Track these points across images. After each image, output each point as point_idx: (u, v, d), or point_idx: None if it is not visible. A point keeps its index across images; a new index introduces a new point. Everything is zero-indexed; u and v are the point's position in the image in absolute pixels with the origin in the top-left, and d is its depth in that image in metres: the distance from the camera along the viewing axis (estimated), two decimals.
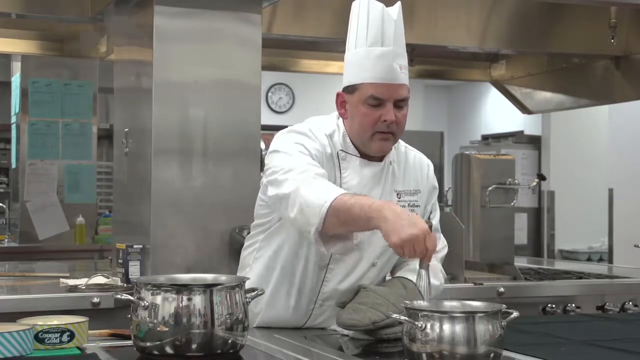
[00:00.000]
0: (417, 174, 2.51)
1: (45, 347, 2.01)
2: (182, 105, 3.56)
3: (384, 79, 2.31)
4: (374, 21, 2.32)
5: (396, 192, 2.43)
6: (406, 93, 2.36)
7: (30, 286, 3.73)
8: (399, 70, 2.32)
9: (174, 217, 3.51)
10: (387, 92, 2.31)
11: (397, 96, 2.33)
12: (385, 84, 2.31)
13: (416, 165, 2.53)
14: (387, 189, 2.42)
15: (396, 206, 2.14)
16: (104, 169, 6.81)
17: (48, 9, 4.16)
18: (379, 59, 2.31)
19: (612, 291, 4.04)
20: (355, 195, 2.17)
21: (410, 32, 4.80)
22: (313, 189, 2.19)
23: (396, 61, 2.32)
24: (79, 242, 5.92)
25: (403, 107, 2.36)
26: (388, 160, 2.43)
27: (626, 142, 6.69)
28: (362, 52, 2.34)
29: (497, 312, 1.88)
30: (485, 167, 4.36)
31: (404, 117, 2.36)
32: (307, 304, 2.46)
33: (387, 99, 2.32)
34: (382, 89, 2.31)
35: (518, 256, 4.84)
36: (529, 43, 5.01)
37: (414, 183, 2.49)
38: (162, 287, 2.01)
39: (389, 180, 2.43)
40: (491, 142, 8.40)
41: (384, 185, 2.42)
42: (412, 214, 2.12)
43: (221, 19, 3.62)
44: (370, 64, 2.31)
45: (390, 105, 2.32)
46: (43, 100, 6.01)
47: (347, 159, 2.39)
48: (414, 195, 2.46)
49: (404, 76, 2.35)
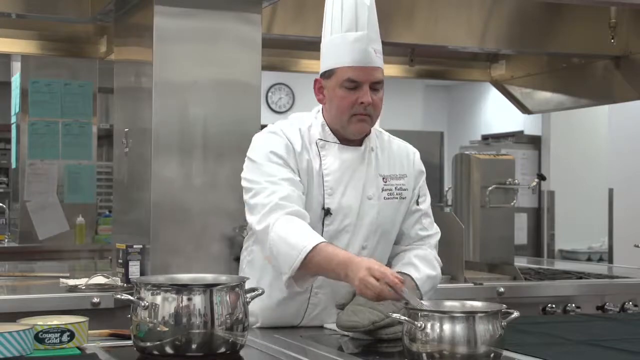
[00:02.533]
0: (402, 160, 2.58)
1: (45, 347, 2.01)
2: (182, 105, 3.56)
3: (360, 61, 2.39)
4: (348, 7, 2.42)
5: (382, 177, 2.51)
6: (381, 76, 2.43)
7: (30, 286, 3.73)
8: (373, 54, 2.40)
9: (174, 217, 3.51)
10: (363, 74, 2.39)
11: (373, 79, 2.40)
12: (362, 67, 2.39)
13: (401, 151, 2.60)
14: (371, 173, 2.48)
15: (360, 259, 2.21)
16: (104, 169, 6.80)
17: (48, 9, 4.16)
18: (354, 43, 2.39)
19: (612, 291, 4.04)
20: (326, 247, 2.26)
21: (410, 32, 4.80)
22: (285, 237, 2.29)
23: (371, 45, 2.40)
24: (79, 242, 5.92)
25: (379, 90, 2.43)
26: (369, 146, 2.50)
27: (626, 142, 6.69)
28: (338, 38, 2.43)
29: (497, 312, 1.88)
30: (485, 167, 4.36)
31: (380, 100, 2.44)
32: (304, 294, 2.48)
33: (364, 82, 2.39)
34: (358, 71, 2.39)
35: (518, 256, 4.84)
36: (529, 43, 5.01)
37: (400, 168, 2.55)
38: (162, 287, 2.01)
39: (373, 165, 2.50)
40: (491, 142, 8.39)
41: (367, 169, 2.48)
42: (371, 261, 2.17)
43: (221, 19, 3.62)
44: (347, 49, 2.39)
45: (366, 87, 2.40)
46: (43, 100, 6.01)
47: (325, 147, 2.47)
48: (401, 180, 2.54)
49: (378, 59, 2.42)
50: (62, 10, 4.14)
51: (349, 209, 2.44)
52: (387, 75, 6.03)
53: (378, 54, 2.42)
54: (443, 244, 3.73)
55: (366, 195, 2.46)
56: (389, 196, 2.50)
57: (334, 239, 2.41)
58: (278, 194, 2.34)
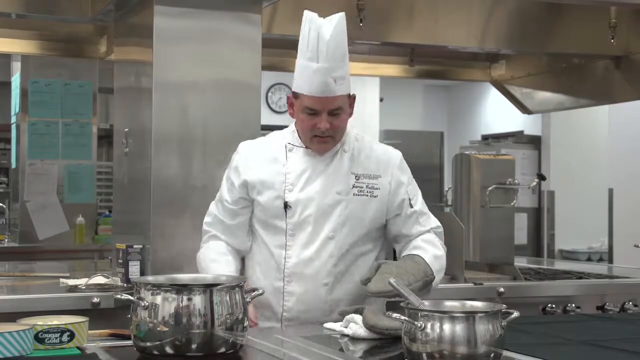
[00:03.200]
0: (380, 163, 2.71)
1: (45, 347, 2.01)
2: (182, 105, 3.56)
3: (318, 92, 2.52)
4: (311, 39, 2.53)
5: (354, 175, 2.67)
6: (340, 103, 2.56)
7: (30, 286, 3.72)
8: (333, 83, 2.52)
9: (174, 217, 3.51)
10: (321, 104, 2.54)
11: (331, 107, 2.54)
12: (319, 98, 2.53)
13: (381, 155, 2.74)
14: (342, 172, 2.66)
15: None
16: (104, 169, 6.81)
17: (48, 9, 4.16)
18: (314, 74, 2.51)
19: (612, 291, 4.04)
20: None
21: (410, 32, 4.81)
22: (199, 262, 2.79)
23: (330, 75, 2.51)
24: (79, 242, 5.92)
25: (339, 115, 2.57)
26: (342, 149, 2.67)
27: (626, 142, 6.69)
28: (303, 64, 2.56)
29: (497, 312, 1.88)
30: (485, 167, 4.36)
31: (341, 122, 2.59)
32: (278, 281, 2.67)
33: (321, 110, 2.55)
34: (315, 101, 2.54)
35: (518, 256, 4.83)
36: (529, 43, 5.01)
37: (375, 169, 2.70)
38: (162, 287, 2.01)
39: (345, 164, 2.67)
40: (491, 142, 8.40)
41: (337, 167, 2.66)
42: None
43: (221, 19, 3.63)
44: (307, 78, 2.53)
45: (324, 115, 2.55)
46: (43, 100, 6.01)
47: (293, 150, 2.68)
48: (374, 179, 2.68)
49: (340, 87, 2.54)
50: (62, 10, 4.14)
51: (309, 201, 2.63)
52: (387, 75, 6.11)
53: (340, 80, 2.53)
54: None
55: (335, 191, 2.64)
56: (359, 193, 2.67)
57: (297, 230, 2.64)
58: (208, 218, 2.81)
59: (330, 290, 2.66)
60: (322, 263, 2.64)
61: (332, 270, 2.66)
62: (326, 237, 2.64)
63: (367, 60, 5.54)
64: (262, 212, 2.68)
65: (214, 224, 2.78)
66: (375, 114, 10.07)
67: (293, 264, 2.65)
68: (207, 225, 2.80)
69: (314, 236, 2.64)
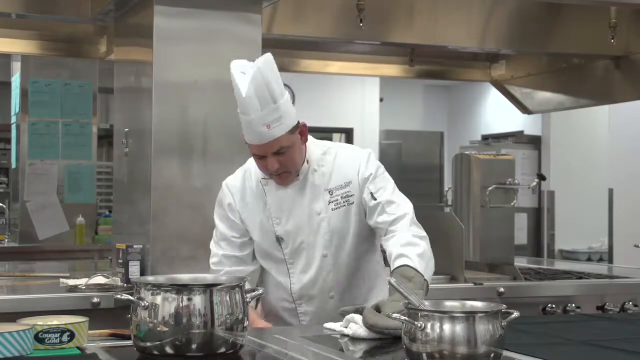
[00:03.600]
0: (347, 168, 2.76)
1: (45, 347, 2.01)
2: (182, 105, 3.56)
3: (256, 141, 2.60)
4: (236, 94, 2.58)
5: (328, 191, 2.74)
6: (282, 142, 2.60)
7: (30, 286, 3.73)
8: (267, 130, 2.56)
9: (174, 217, 3.51)
10: (263, 150, 2.61)
11: (273, 150, 2.60)
12: (259, 145, 2.60)
13: (347, 161, 2.78)
14: (317, 192, 2.73)
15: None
16: (104, 169, 6.81)
17: (48, 9, 4.16)
18: (248, 125, 2.58)
19: (612, 291, 4.04)
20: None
21: (410, 32, 4.81)
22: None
23: (263, 123, 2.56)
24: (79, 242, 5.92)
25: (285, 152, 2.62)
26: (311, 169, 2.74)
27: (626, 142, 6.69)
28: (239, 115, 2.61)
29: (497, 312, 1.88)
30: (485, 167, 4.36)
31: (289, 158, 2.64)
32: (290, 303, 2.80)
33: (265, 154, 2.62)
34: (258, 148, 2.62)
35: (518, 256, 4.84)
36: (529, 43, 5.01)
37: (343, 177, 2.75)
38: (162, 287, 2.01)
39: (318, 183, 2.74)
40: (491, 142, 8.40)
41: (312, 191, 2.73)
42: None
43: (221, 19, 3.62)
44: (245, 128, 2.61)
45: (270, 157, 2.62)
46: (43, 100, 6.01)
47: (268, 184, 2.75)
48: (346, 187, 2.75)
49: (275, 130, 2.57)
50: (62, 10, 4.14)
51: (298, 229, 2.73)
52: (387, 75, 6.10)
53: (275, 124, 2.56)
54: (443, 244, 3.75)
55: (315, 212, 2.73)
56: (336, 206, 2.74)
57: (295, 257, 2.75)
58: (213, 258, 2.81)
59: (339, 300, 2.75)
60: (324, 281, 2.75)
61: (334, 284, 2.76)
62: (321, 256, 2.74)
63: (367, 60, 5.53)
64: (259, 247, 2.79)
65: (222, 262, 2.80)
66: (375, 114, 10.08)
67: (298, 289, 2.77)
68: (216, 265, 2.81)
69: (310, 260, 2.75)
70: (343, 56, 5.38)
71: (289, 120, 2.59)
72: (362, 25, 4.12)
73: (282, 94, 2.59)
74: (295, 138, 2.64)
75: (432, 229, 2.79)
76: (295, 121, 2.62)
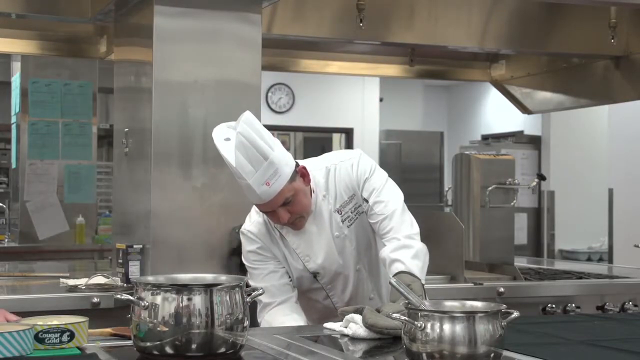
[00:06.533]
0: (346, 182, 2.76)
1: (45, 347, 2.01)
2: (182, 105, 3.56)
3: (259, 201, 2.60)
4: (228, 164, 2.54)
5: (337, 211, 2.75)
6: (286, 194, 2.58)
7: (30, 286, 3.72)
8: (267, 188, 2.55)
9: (174, 217, 3.51)
10: (267, 207, 2.62)
11: (277, 204, 2.59)
12: (261, 204, 2.61)
13: (344, 174, 2.77)
14: (331, 217, 2.74)
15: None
16: (104, 169, 6.81)
17: (48, 9, 4.16)
18: (248, 189, 2.56)
19: (612, 291, 4.04)
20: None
21: (410, 32, 4.81)
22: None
23: (262, 182, 2.54)
24: (79, 242, 5.92)
25: (292, 201, 2.61)
26: (319, 197, 2.73)
27: (626, 142, 6.69)
28: (237, 179, 2.58)
29: (497, 312, 1.88)
30: (485, 167, 4.36)
31: (297, 204, 2.63)
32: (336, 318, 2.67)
33: (273, 209, 2.62)
34: (263, 206, 2.63)
35: (518, 256, 4.84)
36: (529, 43, 5.01)
37: (346, 191, 2.76)
38: (162, 287, 2.01)
39: (328, 208, 2.74)
40: (491, 142, 8.40)
41: (328, 218, 2.74)
42: None
43: (221, 19, 3.63)
44: (246, 191, 2.59)
45: (279, 210, 2.61)
46: (43, 100, 6.01)
47: (284, 228, 2.73)
48: (351, 202, 2.76)
49: (275, 186, 2.56)
50: (62, 10, 4.14)
51: (330, 261, 2.75)
52: (387, 75, 6.10)
53: (272, 179, 2.54)
54: (443, 244, 3.75)
55: (337, 236, 2.75)
56: (351, 222, 2.77)
57: (332, 282, 2.79)
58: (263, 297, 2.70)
59: (378, 299, 2.85)
60: (363, 290, 2.83)
61: (372, 286, 2.86)
62: (355, 271, 2.80)
63: (367, 60, 5.53)
64: (296, 281, 2.81)
65: (273, 293, 2.75)
66: (375, 114, 10.09)
67: (342, 305, 2.78)
68: (268, 298, 2.75)
69: (347, 279, 2.80)
70: (343, 56, 5.38)
71: (286, 169, 2.57)
72: (362, 25, 4.12)
73: (271, 148, 2.54)
74: (298, 183, 2.62)
75: (432, 229, 2.80)
76: (292, 167, 2.60)
